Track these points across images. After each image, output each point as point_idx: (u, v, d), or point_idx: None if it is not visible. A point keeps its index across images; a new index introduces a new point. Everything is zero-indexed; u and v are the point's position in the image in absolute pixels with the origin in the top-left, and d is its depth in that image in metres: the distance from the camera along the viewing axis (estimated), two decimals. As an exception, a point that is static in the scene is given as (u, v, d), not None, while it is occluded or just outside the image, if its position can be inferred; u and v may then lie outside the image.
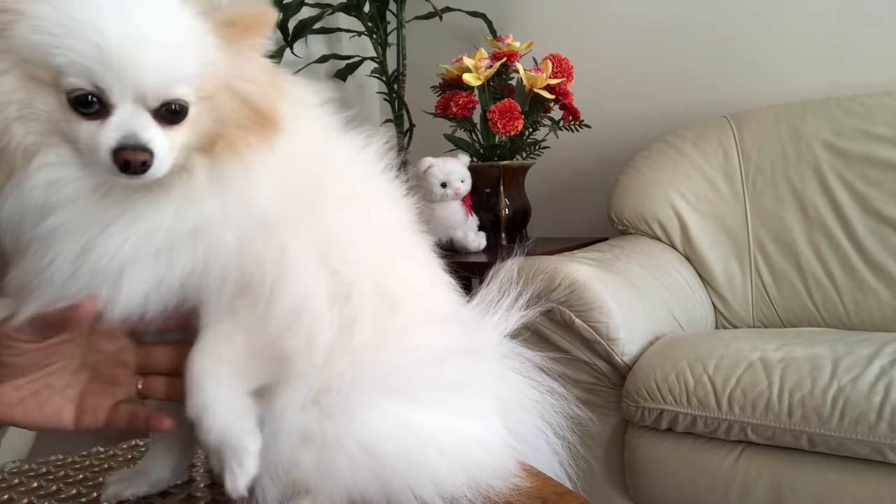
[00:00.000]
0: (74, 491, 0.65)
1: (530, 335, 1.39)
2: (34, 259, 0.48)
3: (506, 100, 1.75)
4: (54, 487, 0.66)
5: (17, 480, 0.68)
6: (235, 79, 0.50)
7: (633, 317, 1.30)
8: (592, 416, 1.29)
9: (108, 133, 0.46)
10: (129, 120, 0.46)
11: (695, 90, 1.95)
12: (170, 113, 0.48)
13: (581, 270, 1.31)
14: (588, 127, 1.91)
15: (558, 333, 1.30)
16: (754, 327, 1.60)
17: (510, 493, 0.59)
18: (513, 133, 1.75)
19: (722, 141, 1.71)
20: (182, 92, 0.48)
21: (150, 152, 0.46)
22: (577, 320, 1.26)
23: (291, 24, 2.13)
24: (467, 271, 1.83)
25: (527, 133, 1.87)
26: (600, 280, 1.31)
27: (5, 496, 0.64)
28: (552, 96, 1.78)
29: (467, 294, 0.71)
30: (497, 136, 1.82)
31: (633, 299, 1.36)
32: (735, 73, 1.89)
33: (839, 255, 1.52)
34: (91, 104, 0.46)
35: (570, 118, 1.87)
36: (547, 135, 1.90)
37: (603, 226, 1.92)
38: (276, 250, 0.51)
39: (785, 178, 1.61)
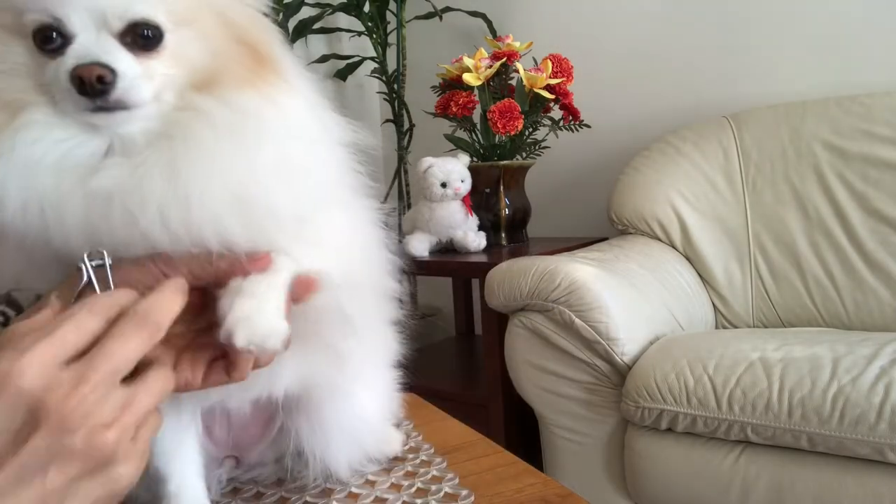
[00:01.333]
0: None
1: (531, 335, 1.40)
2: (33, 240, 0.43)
3: (506, 100, 1.76)
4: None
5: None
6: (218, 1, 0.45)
7: (633, 317, 1.30)
8: (592, 416, 1.30)
9: (67, 60, 0.41)
10: (88, 44, 0.42)
11: (695, 90, 1.95)
12: (141, 38, 0.43)
13: (581, 270, 1.31)
14: (588, 127, 1.91)
15: (558, 333, 1.30)
16: (754, 327, 1.60)
17: (511, 493, 0.59)
18: (513, 133, 1.75)
19: (722, 141, 1.71)
20: (148, 12, 0.43)
21: (109, 69, 0.41)
22: (577, 320, 1.26)
23: (291, 24, 2.13)
24: (467, 271, 1.84)
25: (527, 133, 1.87)
26: (600, 280, 1.31)
27: (5, 496, 0.64)
28: (552, 96, 1.78)
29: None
30: (497, 136, 1.82)
31: (633, 299, 1.36)
32: (735, 73, 1.89)
33: (839, 255, 1.52)
34: (53, 39, 0.42)
35: (570, 118, 1.87)
36: (547, 135, 1.90)
37: (603, 226, 1.92)
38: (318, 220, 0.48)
39: (785, 178, 1.61)
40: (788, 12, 1.80)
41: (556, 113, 1.89)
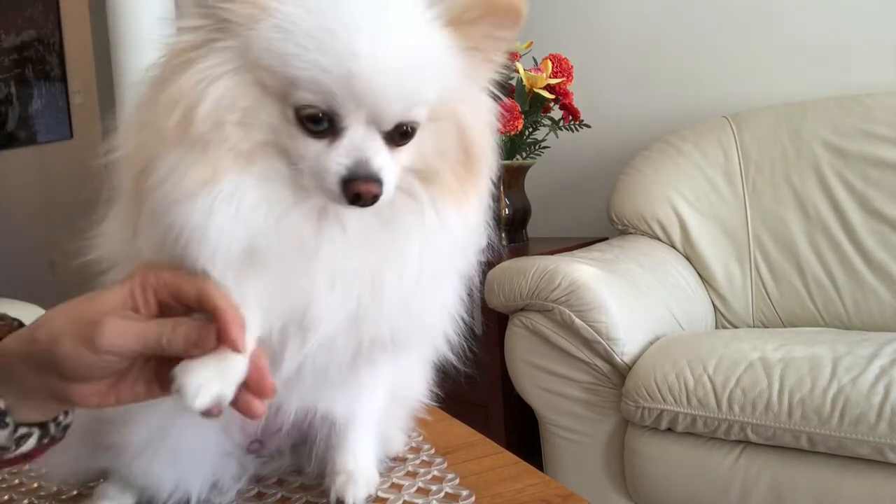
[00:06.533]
0: (76, 492, 0.65)
1: (531, 335, 1.40)
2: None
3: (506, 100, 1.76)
4: (55, 488, 0.66)
5: (17, 481, 0.68)
6: (462, 103, 0.47)
7: (633, 317, 1.30)
8: (592, 416, 1.30)
9: (338, 158, 0.42)
10: (360, 145, 0.42)
11: (695, 90, 1.95)
12: (400, 135, 0.44)
13: (581, 270, 1.31)
14: (588, 127, 1.91)
15: (558, 333, 1.30)
16: (754, 327, 1.60)
17: (512, 494, 0.59)
18: (513, 133, 1.75)
19: (722, 141, 1.71)
20: (418, 114, 0.44)
21: (380, 182, 0.42)
22: (577, 320, 1.26)
23: (291, 24, 2.13)
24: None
25: (527, 133, 1.87)
26: (600, 280, 1.31)
27: (6, 496, 0.64)
28: (552, 96, 1.78)
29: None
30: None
31: (633, 299, 1.36)
32: (735, 73, 1.89)
33: (839, 255, 1.52)
34: (321, 122, 0.42)
35: (570, 118, 1.87)
36: (547, 135, 1.90)
37: (603, 226, 1.92)
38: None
39: (785, 178, 1.61)
40: (789, 13, 1.80)
41: (556, 113, 1.88)
